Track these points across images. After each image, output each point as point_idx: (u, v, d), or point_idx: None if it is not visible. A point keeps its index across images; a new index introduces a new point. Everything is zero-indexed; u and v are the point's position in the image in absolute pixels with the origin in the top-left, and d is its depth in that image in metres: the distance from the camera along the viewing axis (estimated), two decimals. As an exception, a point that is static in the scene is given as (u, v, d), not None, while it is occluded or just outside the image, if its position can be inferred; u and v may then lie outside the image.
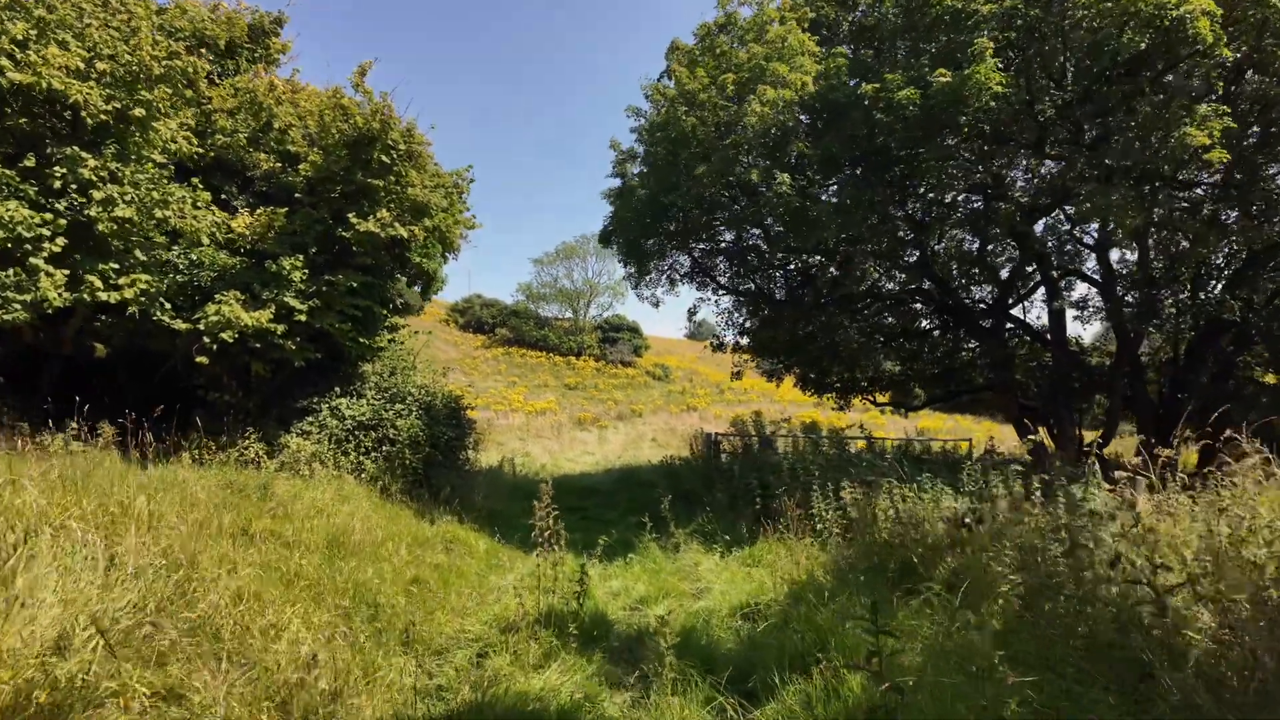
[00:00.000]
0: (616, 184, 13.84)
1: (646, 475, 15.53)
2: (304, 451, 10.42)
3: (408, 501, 10.28)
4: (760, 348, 14.86)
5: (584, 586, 5.40)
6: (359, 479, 10.76)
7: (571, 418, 30.64)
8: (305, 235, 9.98)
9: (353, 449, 10.96)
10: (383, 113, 9.27)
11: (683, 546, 7.77)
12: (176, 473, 8.71)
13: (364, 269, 10.67)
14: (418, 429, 11.25)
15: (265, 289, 9.43)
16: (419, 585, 5.84)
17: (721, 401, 43.17)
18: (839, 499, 7.02)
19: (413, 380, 12.00)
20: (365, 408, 11.22)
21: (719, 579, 6.34)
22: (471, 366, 44.39)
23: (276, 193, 10.61)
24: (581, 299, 57.03)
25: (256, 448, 9.86)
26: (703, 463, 11.83)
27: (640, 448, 23.63)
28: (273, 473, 9.75)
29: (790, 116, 8.84)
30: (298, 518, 7.30)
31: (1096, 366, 13.84)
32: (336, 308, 10.37)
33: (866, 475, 7.46)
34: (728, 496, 9.38)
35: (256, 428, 10.64)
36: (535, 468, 18.49)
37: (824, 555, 6.32)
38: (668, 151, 10.22)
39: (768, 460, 10.17)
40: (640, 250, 13.77)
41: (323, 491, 9.13)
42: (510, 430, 26.23)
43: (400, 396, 11.56)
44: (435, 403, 11.90)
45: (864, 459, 9.39)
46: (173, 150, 7.72)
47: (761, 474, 9.39)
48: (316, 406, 11.12)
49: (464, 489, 11.80)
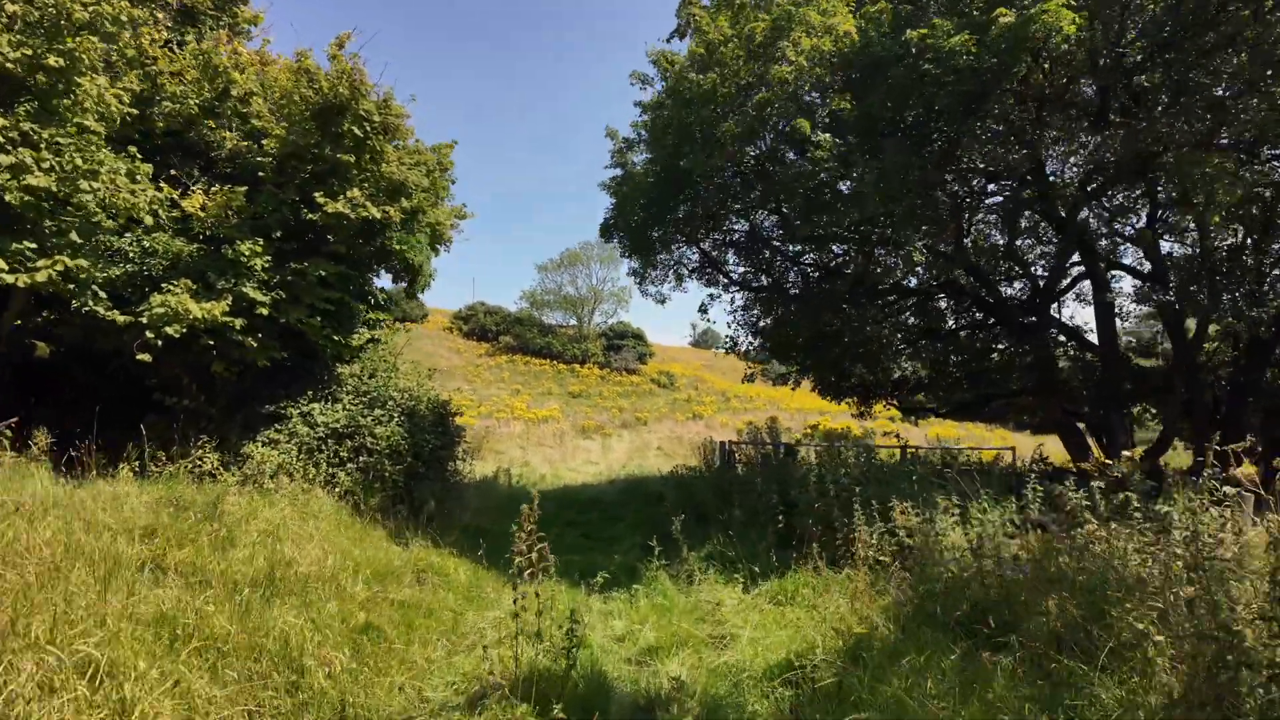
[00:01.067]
0: (616, 174, 12.68)
1: (653, 487, 14.32)
2: (269, 463, 9.28)
3: (383, 519, 9.11)
4: (775, 348, 13.66)
5: (576, 638, 4.20)
6: (331, 493, 9.60)
7: (575, 426, 29.57)
8: (269, 218, 8.87)
9: (325, 460, 9.80)
10: (351, 76, 8.17)
11: (697, 575, 6.56)
12: (114, 488, 7.61)
13: (337, 258, 9.55)
14: (398, 437, 10.09)
15: (221, 278, 8.32)
16: (372, 634, 4.66)
17: (728, 410, 42.34)
18: (888, 520, 5.82)
19: (395, 383, 10.85)
20: (340, 414, 10.07)
21: (745, 622, 5.14)
22: (474, 374, 43.71)
23: (242, 175, 9.52)
24: (586, 306, 56.53)
25: (212, 458, 8.72)
26: (716, 474, 10.62)
27: (646, 456, 22.43)
28: (231, 486, 8.62)
29: (825, 71, 7.68)
30: (241, 544, 6.14)
31: (1147, 368, 12.60)
32: (306, 301, 9.24)
33: (917, 490, 6.25)
34: (746, 513, 8.17)
35: (218, 435, 9.52)
36: (534, 478, 17.30)
37: (875, 590, 5.10)
38: (680, 120, 9.09)
39: (791, 472, 8.97)
40: (645, 242, 12.62)
41: (284, 509, 7.98)
42: (511, 438, 25.13)
43: (380, 401, 10.41)
44: (419, 408, 10.75)
45: (905, 470, 8.17)
46: (103, 112, 6.61)
47: (784, 488, 8.18)
48: (286, 412, 9.97)
49: (451, 504, 10.63)
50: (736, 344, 13.72)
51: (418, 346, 48.55)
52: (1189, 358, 11.32)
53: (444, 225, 13.61)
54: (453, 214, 13.82)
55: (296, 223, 9.30)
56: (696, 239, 13.61)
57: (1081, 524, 4.83)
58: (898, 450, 10.87)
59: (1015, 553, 4.68)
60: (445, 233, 13.77)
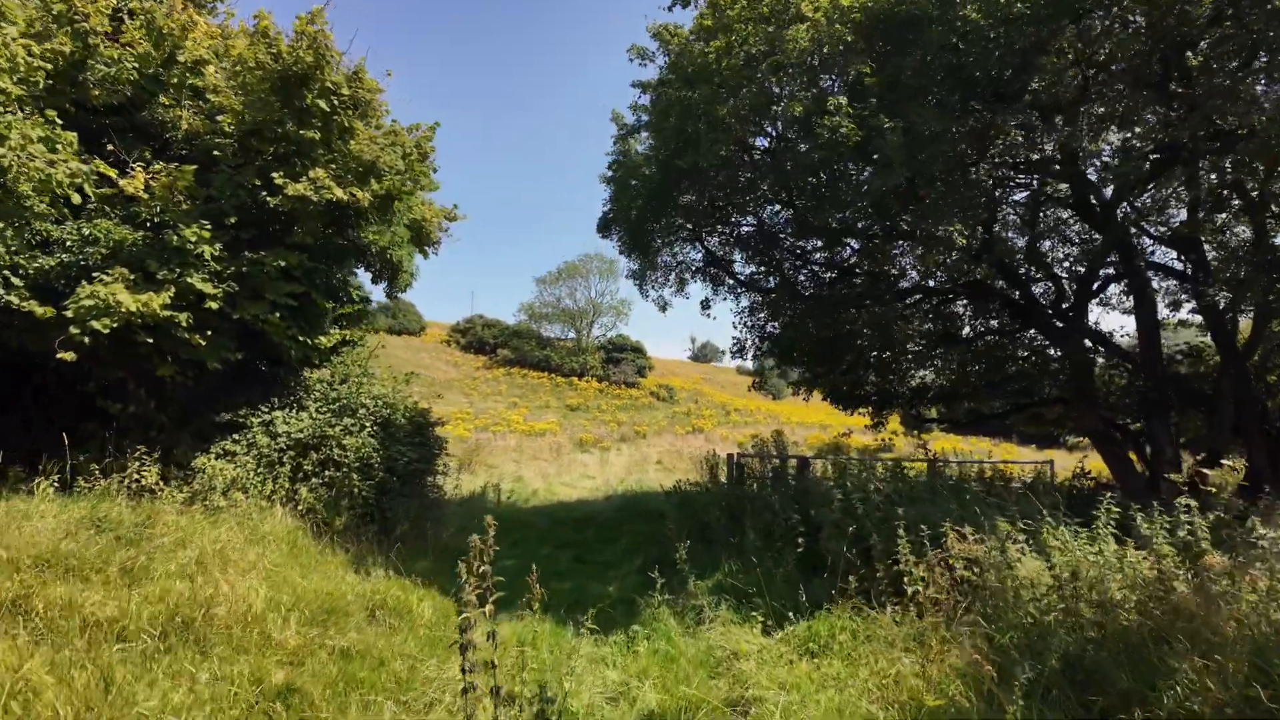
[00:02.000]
0: (617, 160, 11.71)
1: (653, 503, 13.26)
2: (221, 477, 8.24)
3: (347, 542, 8.04)
4: (784, 353, 12.64)
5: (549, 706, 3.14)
6: (293, 511, 8.55)
7: (572, 439, 28.58)
8: (225, 202, 7.91)
9: (286, 474, 8.77)
10: (314, 40, 7.23)
11: (707, 611, 5.50)
12: (29, 505, 6.58)
13: (302, 249, 8.58)
14: (370, 449, 9.06)
15: (164, 267, 7.33)
16: (292, 701, 3.61)
17: (728, 423, 41.59)
18: (939, 547, 4.78)
19: (368, 390, 9.82)
20: (306, 422, 9.05)
21: (772, 680, 4.08)
22: (471, 387, 43.02)
23: (199, 158, 8.58)
24: (584, 319, 55.94)
25: (152, 471, 7.68)
26: (724, 490, 9.57)
27: (645, 470, 21.34)
28: (172, 504, 7.58)
29: (846, 30, 6.75)
30: (158, 576, 5.09)
31: (1189, 374, 11.60)
32: (266, 295, 8.25)
33: (970, 510, 5.21)
34: (761, 535, 7.12)
35: (165, 446, 8.49)
36: (526, 494, 16.21)
37: (937, 639, 4.05)
38: (683, 100, 8.16)
39: (811, 488, 7.94)
40: (645, 237, 11.65)
41: (227, 531, 6.94)
42: (505, 452, 24.05)
43: (350, 409, 9.38)
44: (395, 417, 9.72)
45: (945, 487, 7.13)
46: (13, 66, 5.65)
47: (804, 506, 7.13)
48: (246, 421, 8.95)
49: (429, 523, 9.57)
50: (744, 349, 12.72)
51: (415, 359, 47.90)
52: (1238, 364, 10.33)
53: (430, 224, 12.69)
54: (441, 214, 12.92)
55: (257, 209, 8.34)
56: (701, 236, 12.67)
57: (1197, 554, 3.81)
58: (923, 464, 9.83)
59: (1124, 593, 3.64)
60: (432, 232, 12.85)
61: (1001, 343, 11.79)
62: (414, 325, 57.54)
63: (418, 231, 12.53)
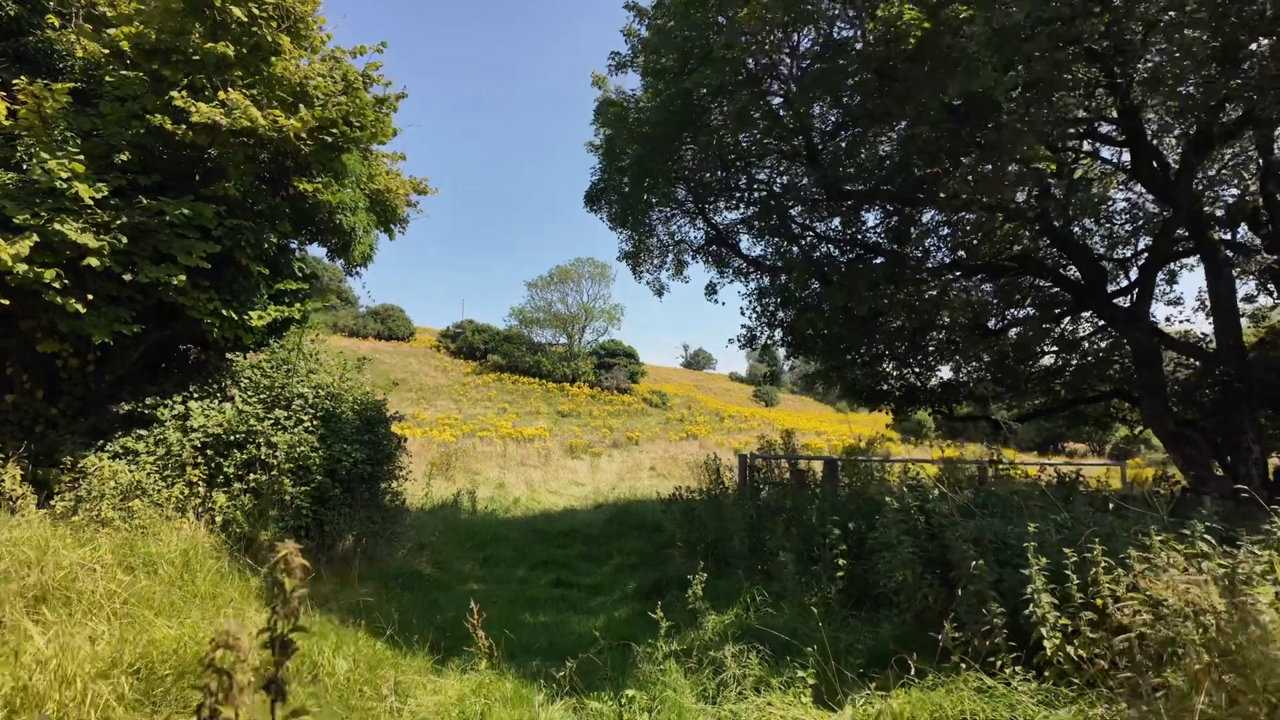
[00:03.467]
0: (607, 109, 10.06)
1: (649, 514, 11.65)
2: (114, 481, 6.59)
3: (268, 563, 6.39)
4: (799, 341, 11.10)
5: None
6: (208, 525, 6.91)
7: (562, 445, 27.03)
8: (113, 135, 6.32)
9: (201, 477, 7.13)
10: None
11: (731, 667, 3.90)
12: None
13: (223, 200, 6.97)
14: (307, 448, 7.43)
15: (24, 211, 5.71)
16: None
17: (722, 429, 40.33)
18: (1085, 580, 3.22)
19: (309, 379, 8.18)
20: (229, 415, 7.41)
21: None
22: (461, 393, 41.67)
23: (97, 88, 6.99)
24: (576, 324, 54.81)
25: (13, 474, 6.03)
26: (735, 499, 7.96)
27: (639, 477, 19.72)
28: (46, 515, 5.94)
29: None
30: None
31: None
32: (177, 258, 6.64)
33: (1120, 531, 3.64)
34: (793, 556, 5.51)
35: (52, 444, 6.86)
36: (507, 502, 14.55)
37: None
38: (688, 13, 6.64)
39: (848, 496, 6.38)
40: (639, 207, 10.09)
41: (95, 551, 5.31)
42: (490, 458, 22.39)
43: (284, 400, 7.74)
44: (340, 410, 8.08)
45: (1011, 496, 5.55)
46: None
47: (843, 519, 5.53)
48: (152, 413, 7.32)
49: (381, 538, 7.91)
50: (754, 339, 11.16)
51: (403, 365, 46.39)
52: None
53: (395, 196, 11.12)
54: (409, 185, 11.36)
55: (167, 150, 6.76)
56: (704, 209, 11.13)
57: None
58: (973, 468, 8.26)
59: None
60: (398, 206, 11.28)
61: (1046, 329, 10.26)
62: (403, 331, 55.98)
63: (381, 205, 10.96)
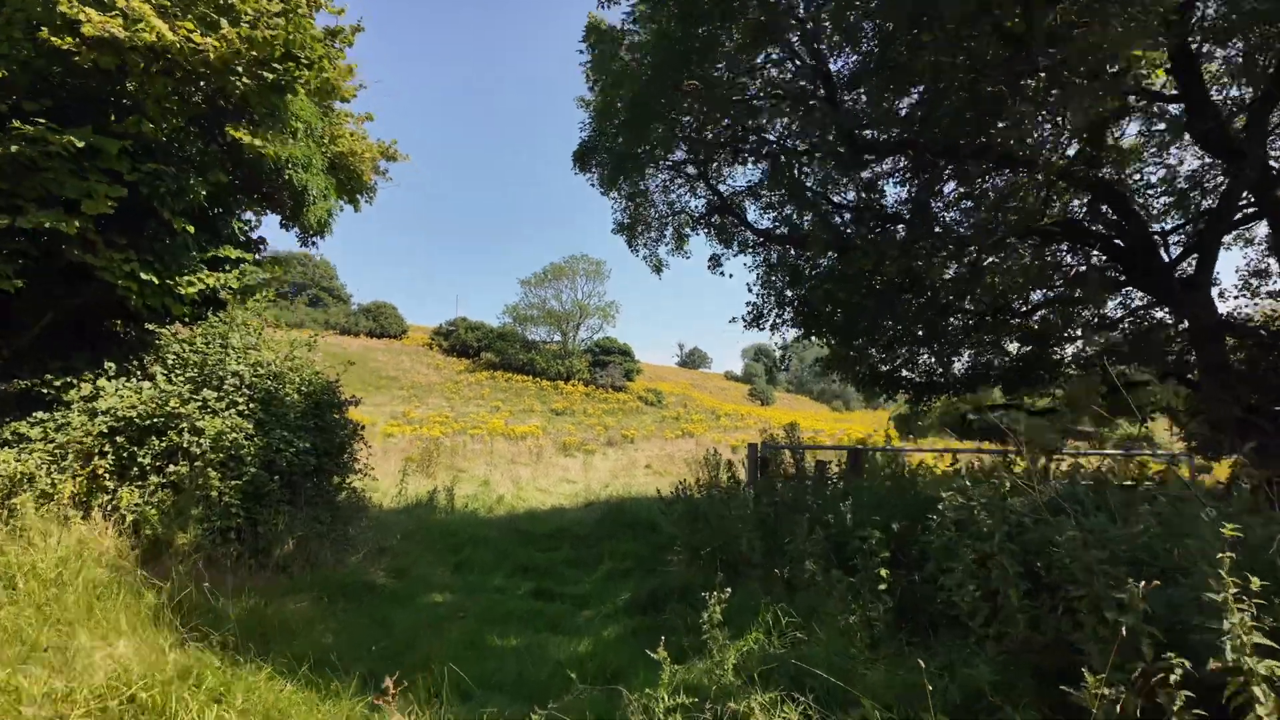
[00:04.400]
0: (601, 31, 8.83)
1: (644, 512, 10.52)
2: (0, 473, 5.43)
3: (187, 572, 5.21)
4: (809, 320, 9.99)
5: None
6: (117, 526, 5.75)
7: (555, 442, 25.92)
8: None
9: (108, 469, 5.96)
10: None
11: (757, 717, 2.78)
12: None
13: (137, 138, 5.81)
14: (240, 435, 6.26)
15: None
16: None
17: (718, 428, 39.41)
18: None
19: (248, 355, 6.99)
20: (145, 395, 6.24)
21: None
22: (454, 391, 40.67)
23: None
24: (570, 321, 53.79)
25: None
26: (750, 496, 6.81)
27: (633, 475, 18.60)
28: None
29: None
30: None
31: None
32: (66, 195, 5.48)
33: None
34: (822, 564, 4.39)
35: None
36: (490, 500, 13.38)
37: None
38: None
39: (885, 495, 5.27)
40: (634, 165, 8.96)
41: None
42: (480, 455, 21.28)
43: (215, 380, 6.56)
44: (285, 392, 6.90)
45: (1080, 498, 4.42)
46: None
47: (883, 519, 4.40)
48: (57, 393, 6.16)
49: (329, 541, 6.73)
50: (761, 317, 10.04)
51: (395, 362, 45.29)
52: None
53: (361, 161, 10.05)
54: (376, 151, 10.27)
55: (67, 70, 5.60)
56: (706, 174, 10.01)
57: None
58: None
59: None
60: (364, 173, 10.19)
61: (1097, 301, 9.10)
62: (395, 328, 54.97)
63: (345, 170, 9.84)
